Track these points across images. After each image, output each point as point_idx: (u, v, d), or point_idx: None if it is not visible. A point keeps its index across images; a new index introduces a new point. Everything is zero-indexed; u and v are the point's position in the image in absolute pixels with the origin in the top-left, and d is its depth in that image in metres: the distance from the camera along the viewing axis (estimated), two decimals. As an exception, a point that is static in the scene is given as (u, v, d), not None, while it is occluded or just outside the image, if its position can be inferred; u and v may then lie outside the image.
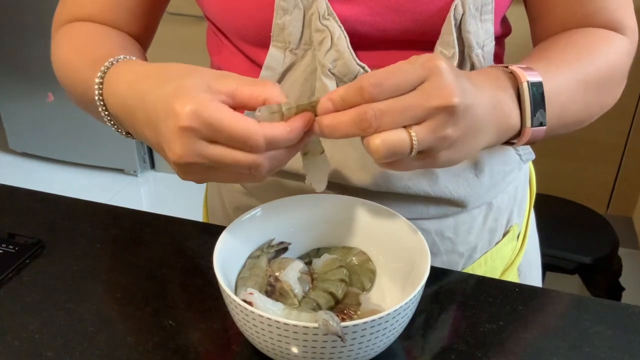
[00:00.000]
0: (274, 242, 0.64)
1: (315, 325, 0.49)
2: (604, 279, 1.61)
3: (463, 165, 0.69)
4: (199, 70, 0.52)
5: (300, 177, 0.69)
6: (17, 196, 0.82)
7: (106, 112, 0.60)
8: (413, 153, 0.49)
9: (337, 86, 0.63)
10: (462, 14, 0.61)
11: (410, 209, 0.69)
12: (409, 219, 0.61)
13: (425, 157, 0.51)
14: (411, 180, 0.67)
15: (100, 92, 0.59)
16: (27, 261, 0.70)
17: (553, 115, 0.59)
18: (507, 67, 0.58)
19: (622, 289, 1.67)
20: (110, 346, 0.60)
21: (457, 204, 0.70)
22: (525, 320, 0.63)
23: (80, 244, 0.74)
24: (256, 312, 0.50)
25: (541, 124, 0.57)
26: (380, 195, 0.68)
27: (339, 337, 0.49)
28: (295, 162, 0.67)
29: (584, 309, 0.65)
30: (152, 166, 2.62)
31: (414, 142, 0.48)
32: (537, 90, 0.57)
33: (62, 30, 0.71)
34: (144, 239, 0.75)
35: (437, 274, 0.68)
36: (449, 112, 0.49)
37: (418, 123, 0.49)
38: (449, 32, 0.61)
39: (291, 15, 0.61)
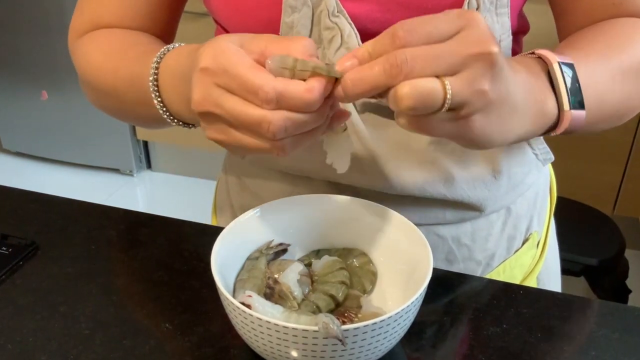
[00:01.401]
0: (273, 244, 0.64)
1: (315, 328, 0.49)
2: (610, 281, 1.61)
3: (480, 167, 0.68)
4: (241, 35, 0.52)
5: (313, 180, 0.69)
6: (10, 196, 0.82)
7: (159, 98, 0.60)
8: (446, 106, 0.45)
9: None
10: (477, 8, 0.60)
11: (426, 213, 0.69)
12: (425, 224, 0.61)
13: (458, 118, 0.47)
14: (426, 182, 0.67)
15: (156, 76, 0.59)
16: (21, 263, 0.70)
17: (591, 104, 0.56)
18: (532, 52, 0.57)
19: (629, 291, 1.67)
20: (106, 349, 0.60)
21: (474, 208, 0.70)
22: (529, 324, 0.63)
23: (75, 245, 0.74)
24: (255, 315, 0.50)
25: (581, 106, 0.54)
26: (396, 198, 0.67)
27: (340, 340, 0.49)
28: (307, 164, 0.68)
29: (590, 311, 0.65)
30: (149, 166, 2.62)
31: (447, 92, 0.45)
32: (570, 72, 0.54)
33: (84, 39, 0.72)
34: (140, 240, 0.75)
35: (438, 276, 0.68)
36: (487, 61, 0.46)
37: (453, 74, 0.46)
38: None
39: (300, 13, 0.61)
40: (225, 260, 0.58)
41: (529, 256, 0.79)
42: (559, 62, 0.54)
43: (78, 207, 0.80)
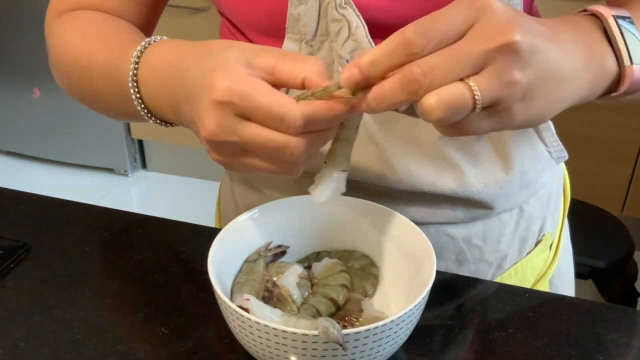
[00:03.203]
0: (271, 245, 0.64)
1: (315, 332, 0.49)
2: (618, 284, 1.61)
3: (491, 163, 0.68)
4: (240, 44, 0.52)
5: None
6: (1, 197, 0.82)
7: (138, 94, 0.60)
8: (478, 108, 0.44)
9: None
10: None
11: (436, 211, 0.69)
12: (435, 223, 0.61)
13: (497, 113, 0.46)
14: (436, 177, 0.66)
15: (135, 71, 0.59)
16: (12, 265, 0.70)
17: None
18: (584, 10, 0.54)
19: (638, 294, 1.68)
20: (99, 354, 0.60)
21: (485, 206, 0.70)
22: (535, 328, 0.63)
23: (68, 247, 0.74)
24: (253, 319, 0.50)
25: None
26: (405, 195, 0.68)
27: (340, 345, 0.49)
28: (314, 160, 0.67)
29: (598, 315, 0.65)
30: (144, 165, 2.62)
31: (475, 94, 0.44)
32: (628, 24, 0.51)
33: (63, 18, 0.71)
34: (135, 242, 0.75)
35: (442, 279, 0.68)
36: (510, 51, 0.44)
37: (477, 72, 0.44)
38: None
39: (306, 5, 0.61)
40: (222, 263, 0.58)
41: (541, 258, 0.79)
42: (613, 16, 0.52)
43: (71, 207, 0.80)
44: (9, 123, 2.58)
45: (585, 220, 1.65)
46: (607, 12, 0.52)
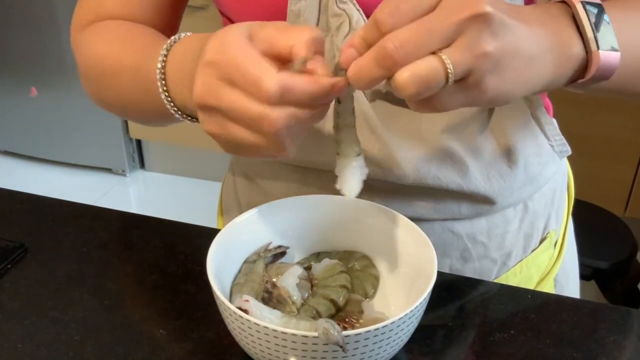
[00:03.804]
0: (271, 246, 0.64)
1: (315, 334, 0.49)
2: (621, 285, 1.61)
3: (494, 157, 0.69)
4: (249, 22, 0.52)
5: (323, 173, 0.69)
6: (-2, 197, 0.82)
7: (165, 87, 0.60)
8: (450, 81, 0.45)
9: None
10: None
11: (441, 207, 0.69)
12: (439, 219, 0.61)
13: (469, 86, 0.46)
14: (440, 171, 0.67)
15: (163, 66, 0.59)
16: (9, 266, 0.70)
17: (626, 49, 0.53)
18: None
19: (641, 295, 1.68)
20: (97, 356, 0.60)
21: (490, 201, 0.70)
22: (537, 329, 0.63)
23: (66, 247, 0.74)
24: (252, 321, 0.50)
25: (613, 50, 0.52)
26: (410, 190, 0.68)
27: (340, 346, 0.49)
28: (316, 156, 0.68)
29: (601, 316, 0.65)
30: (142, 165, 2.62)
31: (448, 66, 0.44)
32: (596, 10, 0.52)
33: (87, 30, 0.72)
34: (133, 242, 0.75)
35: (444, 280, 0.68)
36: (481, 21, 0.44)
37: (448, 45, 0.45)
38: None
39: (307, 0, 0.61)
40: (221, 264, 0.58)
41: (546, 256, 0.79)
42: (582, 2, 0.52)
43: (69, 208, 0.80)
44: (6, 122, 2.58)
45: (588, 220, 1.65)
46: None
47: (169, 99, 0.60)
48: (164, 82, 0.60)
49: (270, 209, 0.64)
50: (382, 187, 0.67)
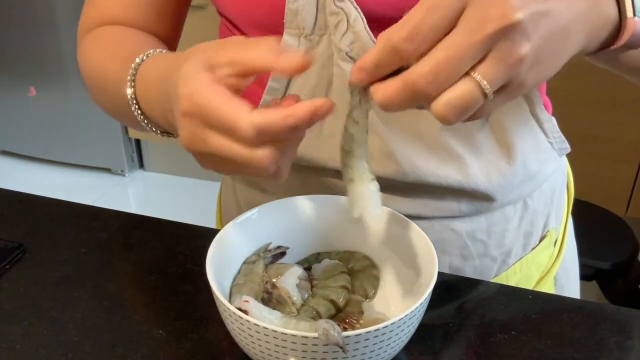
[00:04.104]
0: (271, 246, 0.64)
1: (315, 335, 0.49)
2: (623, 286, 1.61)
3: (493, 154, 0.69)
4: (204, 45, 0.51)
5: (323, 170, 0.69)
6: (-4, 197, 0.82)
7: (139, 111, 0.61)
8: (489, 97, 0.43)
9: None
10: None
11: (441, 205, 0.69)
12: (439, 217, 0.61)
13: (509, 90, 0.44)
14: (439, 168, 0.67)
15: (133, 88, 0.60)
16: (7, 267, 0.70)
17: None
18: None
19: (643, 296, 1.67)
20: (96, 357, 0.60)
21: (489, 198, 0.70)
22: (538, 330, 0.63)
23: (64, 248, 0.74)
24: (252, 321, 0.50)
25: None
26: (410, 188, 0.68)
27: (340, 347, 0.49)
28: (315, 154, 0.68)
29: (602, 317, 0.65)
30: (141, 165, 2.62)
31: (484, 87, 0.43)
32: None
33: (89, 35, 0.73)
34: (132, 243, 0.75)
35: (444, 281, 0.68)
36: (512, 31, 0.42)
37: (481, 61, 0.43)
38: None
39: None
40: (221, 264, 0.58)
41: (546, 254, 0.80)
42: None
43: (67, 208, 0.80)
44: (4, 122, 2.58)
45: (590, 221, 1.65)
46: None
47: (142, 116, 0.61)
48: (136, 104, 0.61)
49: (270, 209, 0.64)
50: (382, 185, 0.67)
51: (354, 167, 0.52)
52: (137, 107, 0.61)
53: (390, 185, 0.68)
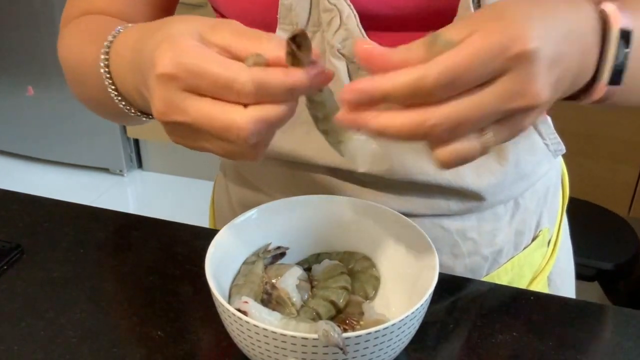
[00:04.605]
0: (270, 247, 0.64)
1: (315, 336, 0.49)
2: (625, 287, 1.61)
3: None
4: (197, 19, 0.49)
5: (314, 167, 0.69)
6: (-6, 197, 0.82)
7: (113, 87, 0.59)
8: (487, 152, 0.45)
9: (347, 68, 0.63)
10: None
11: (430, 203, 0.69)
12: (430, 215, 0.61)
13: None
14: (429, 167, 0.67)
15: (107, 64, 0.58)
16: (5, 267, 0.70)
17: (633, 75, 0.51)
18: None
19: (645, 297, 1.68)
20: (94, 358, 0.60)
21: (479, 197, 0.70)
22: (540, 331, 0.63)
23: (62, 248, 0.74)
24: (251, 323, 0.50)
25: (614, 82, 0.49)
26: (399, 186, 0.68)
27: (341, 349, 0.49)
28: (307, 150, 0.68)
29: (604, 318, 0.65)
30: (140, 165, 2.62)
31: (488, 146, 0.45)
32: (626, 47, 0.49)
33: (69, 25, 0.71)
34: (130, 243, 0.75)
35: (445, 281, 0.68)
36: (536, 110, 0.44)
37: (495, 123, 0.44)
38: (467, 8, 0.60)
39: None
40: (220, 265, 0.58)
41: (539, 254, 0.79)
42: (620, 30, 0.48)
43: (65, 208, 0.80)
44: (2, 122, 2.58)
45: (592, 221, 1.65)
46: (616, 21, 0.48)
47: (119, 97, 0.59)
48: (110, 79, 0.59)
49: (270, 209, 0.64)
50: (372, 182, 0.68)
51: (338, 129, 0.52)
52: (110, 82, 0.58)
53: (379, 183, 0.68)
